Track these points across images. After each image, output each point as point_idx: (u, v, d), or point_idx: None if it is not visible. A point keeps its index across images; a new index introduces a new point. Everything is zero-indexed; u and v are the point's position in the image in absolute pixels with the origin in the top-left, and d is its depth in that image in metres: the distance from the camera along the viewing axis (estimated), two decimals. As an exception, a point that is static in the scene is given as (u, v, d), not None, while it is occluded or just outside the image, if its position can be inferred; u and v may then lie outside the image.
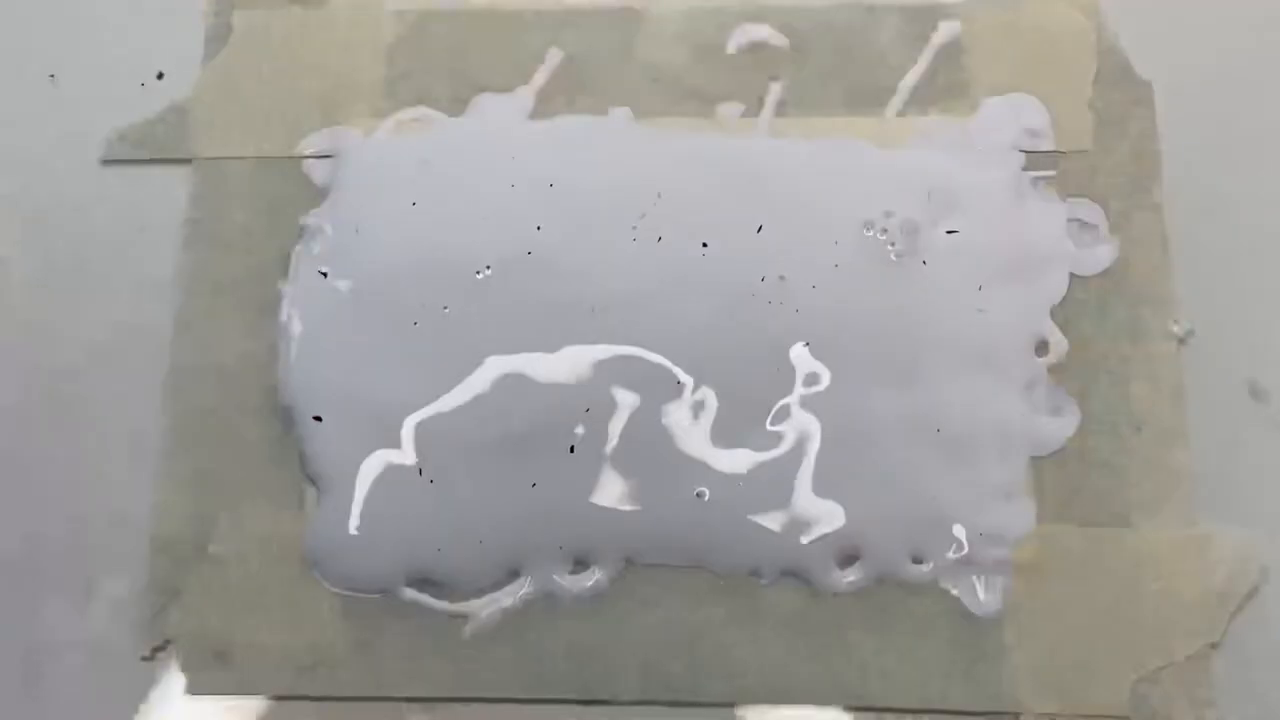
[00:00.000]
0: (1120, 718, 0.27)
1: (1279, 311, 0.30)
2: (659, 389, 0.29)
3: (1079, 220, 0.31)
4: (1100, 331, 0.30)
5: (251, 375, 0.30)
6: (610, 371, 0.29)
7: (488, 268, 0.30)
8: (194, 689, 0.28)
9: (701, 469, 0.29)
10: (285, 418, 0.30)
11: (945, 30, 0.32)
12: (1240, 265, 0.31)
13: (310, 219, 0.31)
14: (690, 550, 0.28)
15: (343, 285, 0.30)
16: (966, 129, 0.31)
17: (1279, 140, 0.31)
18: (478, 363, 0.29)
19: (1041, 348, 0.30)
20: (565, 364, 0.29)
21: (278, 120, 0.32)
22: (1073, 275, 0.30)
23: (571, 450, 0.29)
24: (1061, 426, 0.29)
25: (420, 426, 0.29)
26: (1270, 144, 0.31)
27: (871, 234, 0.30)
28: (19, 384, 0.31)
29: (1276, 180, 0.31)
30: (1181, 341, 0.30)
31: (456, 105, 0.32)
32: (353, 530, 0.29)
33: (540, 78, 0.32)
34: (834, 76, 0.32)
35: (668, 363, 0.29)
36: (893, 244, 0.30)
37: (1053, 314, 0.30)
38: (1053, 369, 0.30)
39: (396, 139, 0.32)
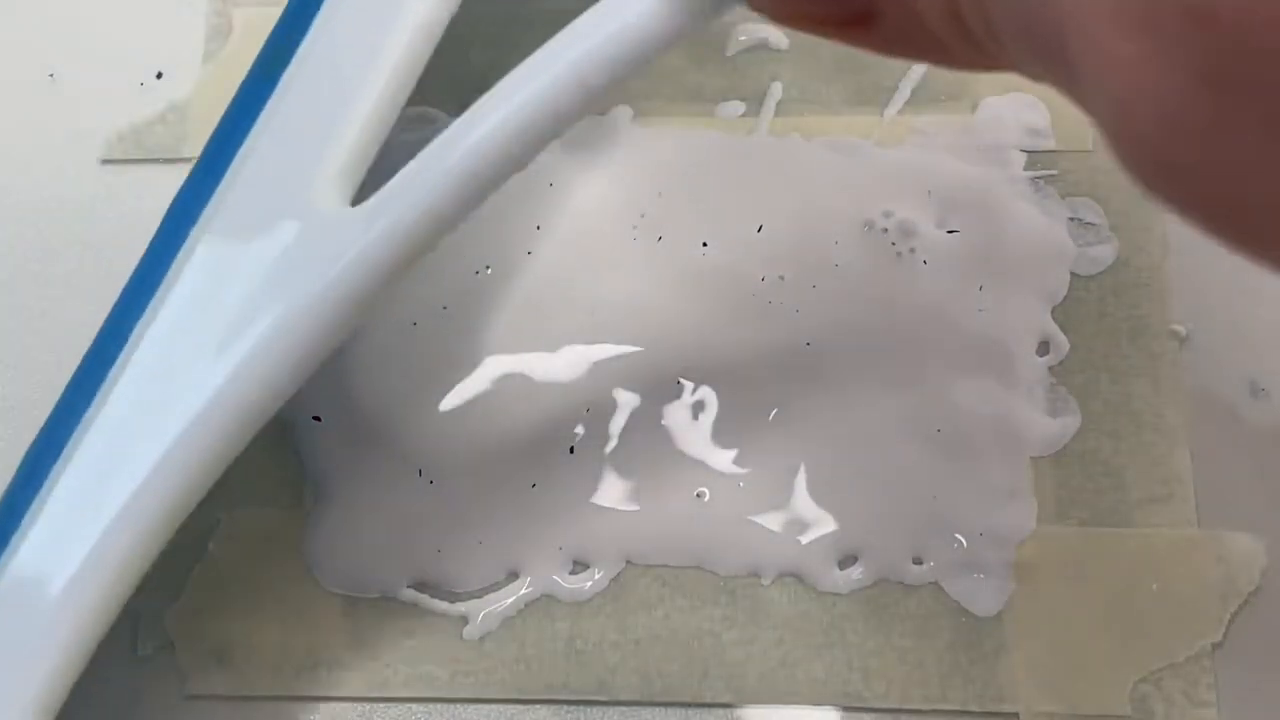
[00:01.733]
0: (1120, 718, 0.27)
1: (1279, 311, 0.30)
2: (659, 389, 0.29)
3: (1079, 220, 0.31)
4: (1101, 331, 0.30)
5: (251, 375, 0.30)
6: (610, 371, 0.29)
7: (487, 268, 0.30)
8: (193, 689, 0.28)
9: (701, 469, 0.29)
10: (284, 417, 0.30)
11: (945, 30, 0.32)
12: (1240, 265, 0.30)
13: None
14: (690, 550, 0.28)
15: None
16: (966, 129, 0.31)
17: None
18: (478, 363, 0.29)
19: (1042, 348, 0.30)
20: (565, 364, 0.29)
21: (277, 120, 0.32)
22: (1073, 275, 0.30)
23: (571, 450, 0.29)
24: (1062, 426, 0.29)
25: (420, 426, 0.29)
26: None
27: (871, 234, 0.30)
28: (18, 383, 0.31)
29: (1277, 180, 0.31)
30: (1182, 341, 0.30)
31: (457, 106, 0.32)
32: (352, 530, 0.29)
33: (540, 77, 0.32)
34: (834, 76, 0.32)
35: (668, 363, 0.29)
36: (893, 243, 0.30)
37: (1053, 314, 0.30)
38: (1053, 369, 0.30)
39: (396, 138, 0.32)
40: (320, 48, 0.27)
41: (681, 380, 0.29)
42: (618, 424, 0.29)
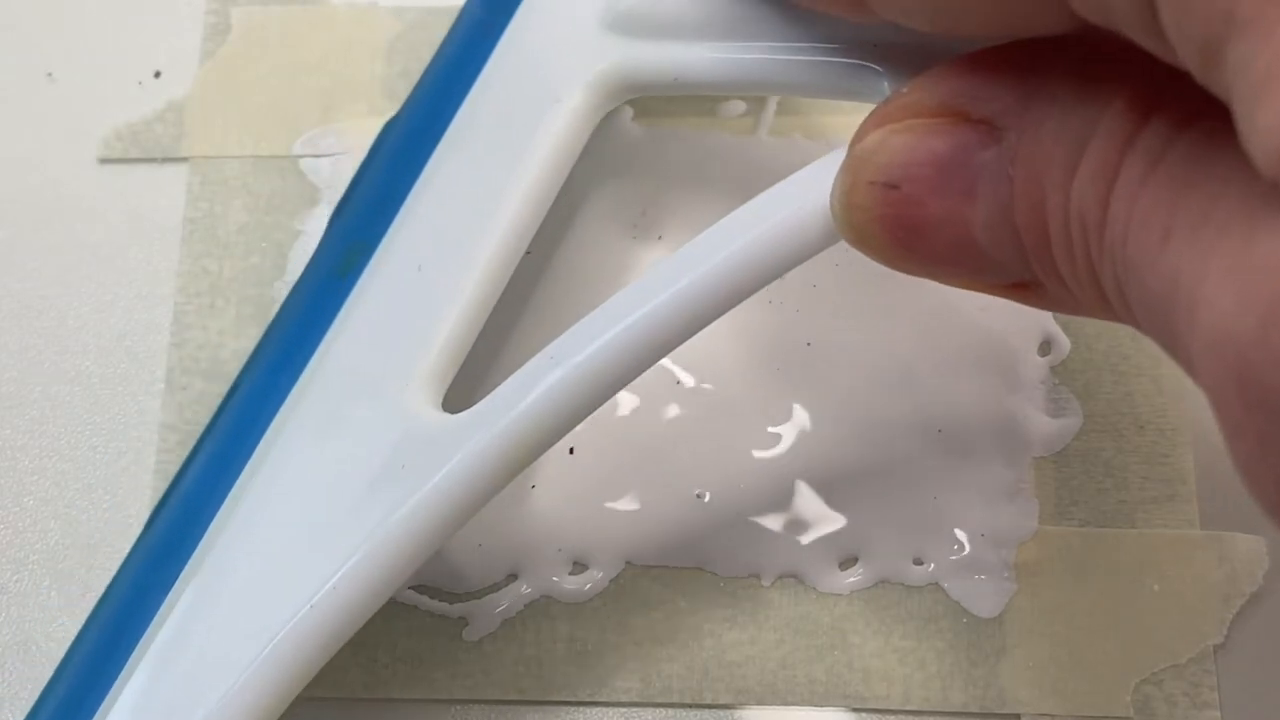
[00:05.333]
0: (1122, 719, 0.27)
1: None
2: (659, 389, 0.29)
3: (1081, 219, 0.31)
4: (1102, 331, 0.30)
5: (250, 375, 0.30)
6: (610, 371, 0.29)
7: (487, 267, 0.30)
8: (192, 690, 0.28)
9: (701, 469, 0.29)
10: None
11: (947, 28, 0.32)
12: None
13: (310, 219, 0.31)
14: (690, 551, 0.28)
15: (341, 285, 0.30)
16: (968, 127, 0.31)
17: None
18: (477, 363, 0.29)
19: (1044, 347, 0.30)
20: (565, 364, 0.29)
21: (276, 119, 0.32)
22: (1075, 274, 0.30)
23: (571, 451, 0.29)
24: (1064, 427, 0.29)
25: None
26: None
27: (873, 233, 0.30)
28: (15, 383, 0.30)
29: None
30: (1184, 341, 0.30)
31: (456, 104, 0.32)
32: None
33: (539, 76, 0.32)
34: (835, 74, 0.32)
35: (668, 362, 0.29)
36: (894, 243, 0.30)
37: (1055, 313, 0.30)
38: (1055, 369, 0.29)
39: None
40: (407, 240, 0.26)
41: (681, 380, 0.29)
42: (618, 424, 0.29)
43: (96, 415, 0.30)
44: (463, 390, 0.25)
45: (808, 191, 0.21)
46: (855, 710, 0.27)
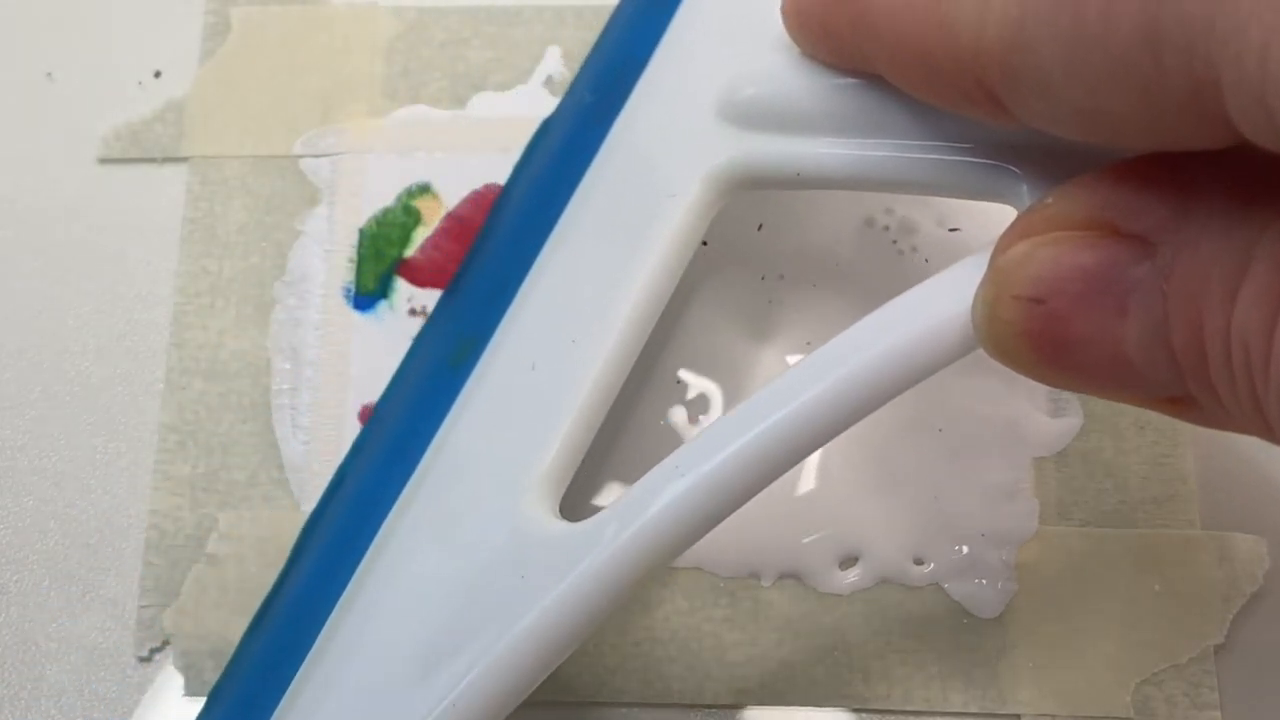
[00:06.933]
0: (1122, 719, 0.27)
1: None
2: (659, 388, 0.29)
3: (1081, 219, 0.30)
4: (1103, 331, 0.30)
5: (249, 375, 0.30)
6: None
7: (487, 267, 0.30)
8: (192, 690, 0.28)
9: (702, 469, 0.29)
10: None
11: (947, 27, 0.32)
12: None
13: (310, 219, 0.31)
14: (690, 551, 0.28)
15: (341, 285, 0.30)
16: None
17: None
18: (477, 363, 0.29)
19: (1044, 347, 0.30)
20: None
21: (276, 119, 0.32)
22: (1075, 274, 0.30)
23: (570, 450, 0.29)
24: (1064, 427, 0.29)
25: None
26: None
27: (872, 231, 0.30)
28: (14, 383, 0.30)
29: None
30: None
31: (455, 104, 0.32)
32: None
33: (539, 76, 0.32)
34: (835, 74, 0.32)
35: (668, 362, 0.29)
36: (894, 241, 0.30)
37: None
38: (1055, 368, 0.29)
39: (398, 136, 0.32)
40: (520, 336, 0.25)
41: (681, 379, 0.29)
42: (618, 424, 0.29)
43: (96, 415, 0.30)
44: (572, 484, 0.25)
45: (945, 299, 0.20)
46: (855, 710, 0.27)
